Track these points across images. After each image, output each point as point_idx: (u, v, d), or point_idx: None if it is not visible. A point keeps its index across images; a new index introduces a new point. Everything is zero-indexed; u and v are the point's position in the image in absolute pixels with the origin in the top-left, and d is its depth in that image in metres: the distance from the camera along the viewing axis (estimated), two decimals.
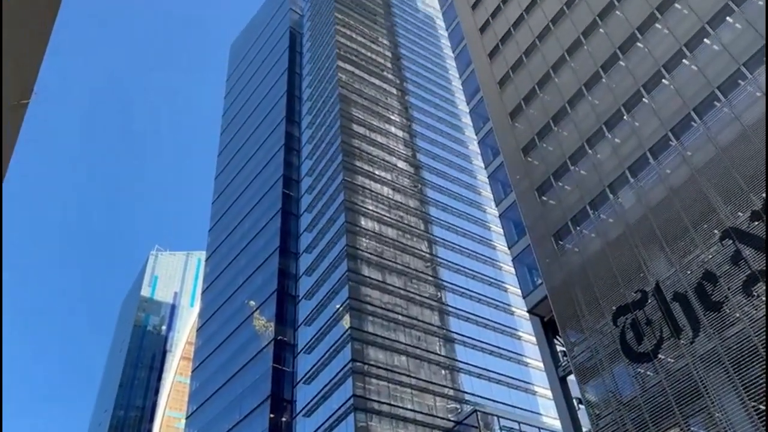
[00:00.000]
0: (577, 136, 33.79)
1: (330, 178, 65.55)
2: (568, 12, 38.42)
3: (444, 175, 72.34)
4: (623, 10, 34.18)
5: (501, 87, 42.16)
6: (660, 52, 30.64)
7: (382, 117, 74.23)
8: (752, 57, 25.91)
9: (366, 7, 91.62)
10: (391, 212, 63.76)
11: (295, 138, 79.36)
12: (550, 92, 37.23)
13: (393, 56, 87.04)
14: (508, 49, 42.94)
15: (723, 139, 25.69)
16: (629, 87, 31.62)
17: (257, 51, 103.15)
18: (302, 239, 66.49)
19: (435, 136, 77.04)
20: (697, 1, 29.86)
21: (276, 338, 59.36)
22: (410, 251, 61.53)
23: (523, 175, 36.80)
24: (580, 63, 35.75)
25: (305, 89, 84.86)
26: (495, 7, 46.26)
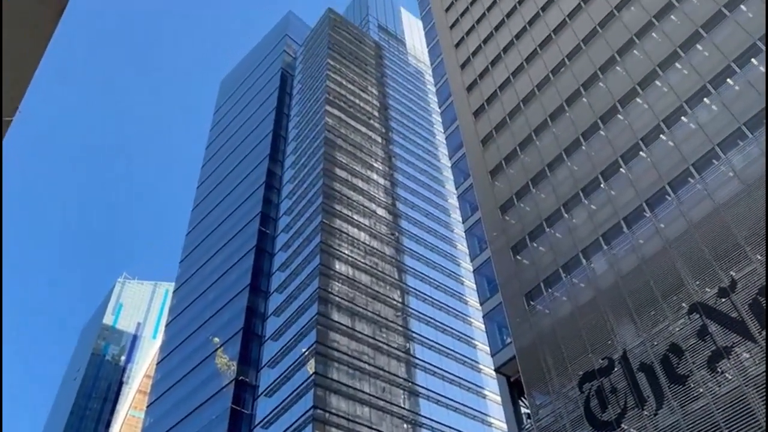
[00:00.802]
0: (554, 199, 34.38)
1: (308, 219, 65.45)
2: (553, 79, 39.65)
3: (422, 225, 72.72)
4: (606, 83, 35.39)
5: (484, 145, 42.96)
6: (639, 126, 31.62)
7: (365, 163, 74.89)
8: (726, 138, 26.85)
9: (358, 56, 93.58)
10: (367, 258, 63.60)
11: (277, 177, 79.45)
12: (531, 154, 38.01)
13: (381, 105, 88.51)
14: (493, 109, 43.98)
15: (695, 215, 26.33)
16: (608, 156, 32.44)
17: (247, 88, 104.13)
18: (274, 278, 65.76)
19: (416, 187, 77.77)
20: (677, 81, 31.06)
21: (237, 378, 57.87)
22: (382, 299, 61.15)
23: (499, 232, 37.15)
24: (561, 129, 36.69)
25: (291, 129, 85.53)
26: (483, 68, 47.60)
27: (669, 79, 31.48)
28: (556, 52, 40.70)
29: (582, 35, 39.24)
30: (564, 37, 40.89)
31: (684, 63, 31.19)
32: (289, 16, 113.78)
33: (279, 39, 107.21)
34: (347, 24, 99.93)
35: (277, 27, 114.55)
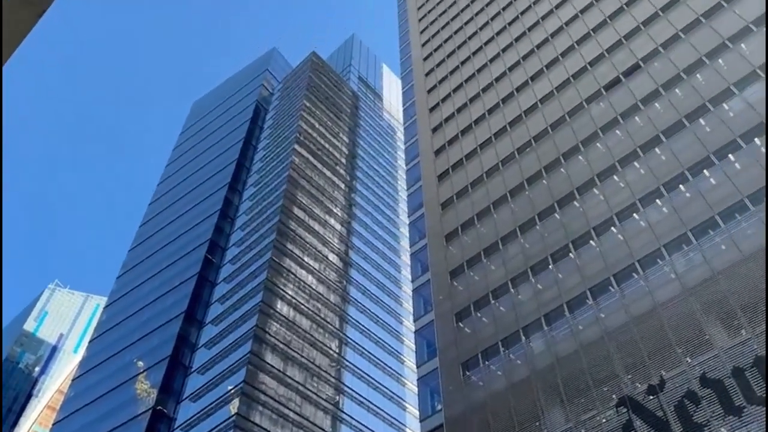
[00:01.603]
0: (503, 272, 34.85)
1: (257, 253, 64.41)
2: (518, 157, 40.84)
3: (371, 277, 72.42)
4: (567, 169, 36.63)
5: (443, 209, 43.56)
6: (593, 215, 32.65)
7: (324, 207, 74.79)
8: (672, 241, 27.92)
9: (334, 103, 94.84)
10: (310, 303, 62.67)
11: (233, 206, 78.44)
12: (487, 226, 38.67)
13: (349, 154, 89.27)
14: (457, 175, 44.84)
15: (635, 310, 27.01)
16: (559, 239, 33.25)
17: (218, 114, 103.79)
18: (212, 309, 63.92)
19: (371, 239, 77.82)
20: (634, 179, 32.39)
21: (155, 407, 55.22)
22: (319, 346, 60.00)
23: (446, 297, 37.26)
24: (519, 206, 37.58)
25: (256, 162, 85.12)
26: (453, 135, 48.77)
27: (626, 176, 32.80)
28: (524, 132, 42.09)
29: (551, 120, 40.78)
30: (534, 119, 42.41)
31: (642, 163, 32.62)
32: (273, 53, 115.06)
33: (259, 72, 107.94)
34: (328, 70, 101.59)
35: (259, 60, 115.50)
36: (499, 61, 51.40)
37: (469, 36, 58.99)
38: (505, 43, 52.53)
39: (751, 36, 32.77)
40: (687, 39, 36.33)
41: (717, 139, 29.76)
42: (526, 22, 52.12)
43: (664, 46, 37.42)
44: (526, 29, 51.42)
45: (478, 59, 54.48)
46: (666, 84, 34.99)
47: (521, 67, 48.07)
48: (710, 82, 32.60)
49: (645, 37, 39.32)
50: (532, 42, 49.37)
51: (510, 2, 56.95)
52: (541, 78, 44.99)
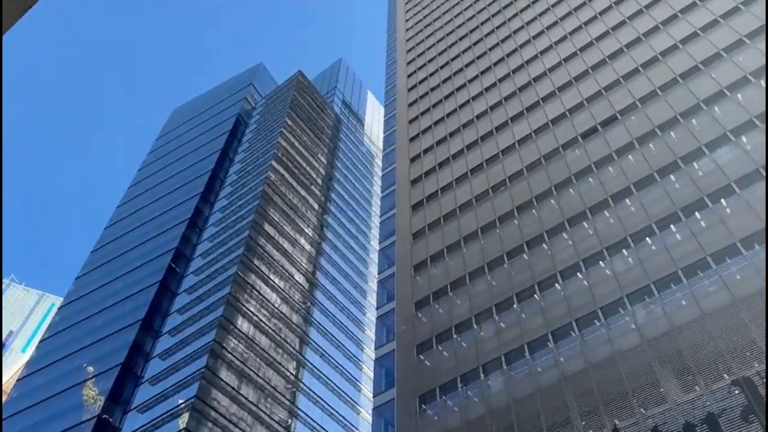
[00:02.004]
0: (468, 307, 34.89)
1: (223, 267, 63.49)
2: (492, 195, 41.27)
3: (336, 301, 71.85)
4: (539, 211, 37.11)
5: (414, 239, 43.64)
6: (560, 258, 33.02)
7: (295, 226, 74.32)
8: (635, 292, 28.34)
9: (316, 123, 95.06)
10: (272, 321, 61.79)
11: (203, 217, 77.48)
12: (456, 259, 38.80)
13: (326, 175, 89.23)
14: (430, 207, 45.08)
15: (594, 357, 27.21)
16: (526, 279, 33.50)
17: (198, 123, 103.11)
18: (170, 319, 62.54)
19: (340, 262, 77.42)
20: (603, 227, 32.94)
21: (100, 416, 53.43)
22: (276, 367, 58.99)
23: (409, 327, 37.08)
24: (489, 243, 37.84)
25: (231, 174, 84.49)
26: (430, 167, 49.15)
27: (596, 223, 33.35)
28: (500, 170, 42.63)
29: (527, 162, 41.40)
30: (510, 159, 43.01)
31: (612, 212, 33.23)
32: (259, 68, 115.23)
33: (243, 86, 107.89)
34: (313, 90, 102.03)
35: (245, 74, 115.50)
36: (481, 99, 52.24)
37: (454, 72, 59.91)
38: (489, 82, 53.46)
39: (724, 99, 33.91)
40: (664, 96, 37.44)
41: (685, 197, 30.52)
42: (511, 65, 53.19)
43: (642, 101, 38.50)
44: (510, 71, 52.44)
45: (461, 95, 55.29)
46: (641, 138, 35.90)
47: (503, 107, 48.91)
48: (683, 141, 33.54)
49: (624, 91, 40.42)
50: (515, 84, 50.34)
51: (497, 43, 58.14)
52: (521, 120, 45.80)
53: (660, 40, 41.95)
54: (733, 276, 25.93)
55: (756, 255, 25.88)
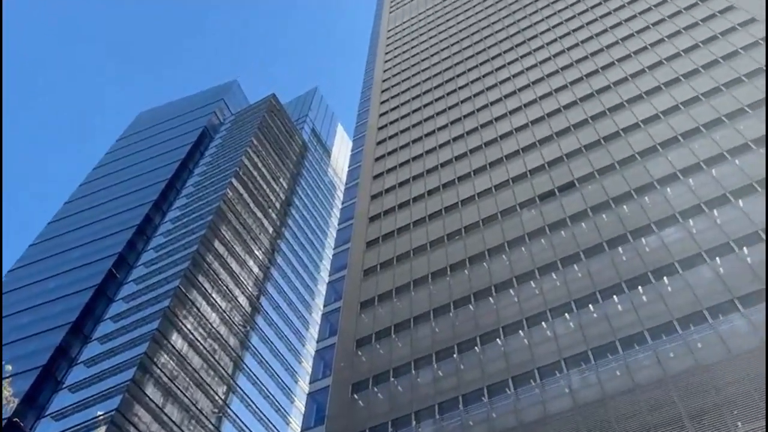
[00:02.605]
0: (409, 351, 34.73)
1: (165, 279, 61.75)
2: (446, 242, 41.67)
3: (276, 329, 70.54)
4: (490, 264, 37.59)
5: (364, 276, 43.50)
6: (504, 314, 33.36)
7: (246, 247, 73.21)
8: (572, 356, 28.79)
9: (282, 147, 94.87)
10: (207, 341, 60.10)
11: (153, 225, 75.61)
12: (403, 301, 38.78)
13: (285, 200, 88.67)
14: (385, 246, 45.16)
15: (526, 417, 27.33)
16: (469, 330, 33.65)
17: (162, 130, 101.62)
18: (102, 326, 60.15)
19: (286, 289, 76.36)
20: (549, 288, 33.53)
21: (11, 418, 50.40)
22: (205, 389, 57.14)
23: (347, 365, 36.61)
24: (438, 289, 38.02)
25: (189, 186, 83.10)
26: (390, 207, 49.47)
27: (543, 284, 33.95)
28: (457, 220, 43.19)
29: (484, 215, 42.10)
30: (469, 209, 43.66)
31: (559, 275, 33.92)
32: (233, 84, 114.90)
33: (213, 100, 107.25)
34: (284, 114, 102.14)
35: (217, 88, 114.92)
36: (447, 148, 53.20)
37: (425, 118, 61.03)
38: (457, 133, 54.60)
39: (676, 182, 35.39)
40: (621, 171, 38.86)
41: (630, 269, 31.45)
42: (480, 119, 54.54)
43: (600, 172, 39.84)
44: (478, 125, 53.71)
45: (429, 141, 56.22)
46: (594, 207, 37.03)
47: (467, 159, 49.88)
48: (634, 215, 34.74)
49: (584, 160, 41.79)
50: (481, 138, 51.53)
51: (469, 97, 59.63)
52: (483, 174, 46.73)
53: (623, 116, 43.77)
54: (667, 352, 26.64)
55: (690, 335, 26.72)
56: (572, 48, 57.01)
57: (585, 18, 60.89)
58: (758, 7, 45.12)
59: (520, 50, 62.71)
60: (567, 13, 64.35)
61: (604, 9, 60.30)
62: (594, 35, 56.65)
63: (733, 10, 47.37)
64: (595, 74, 50.85)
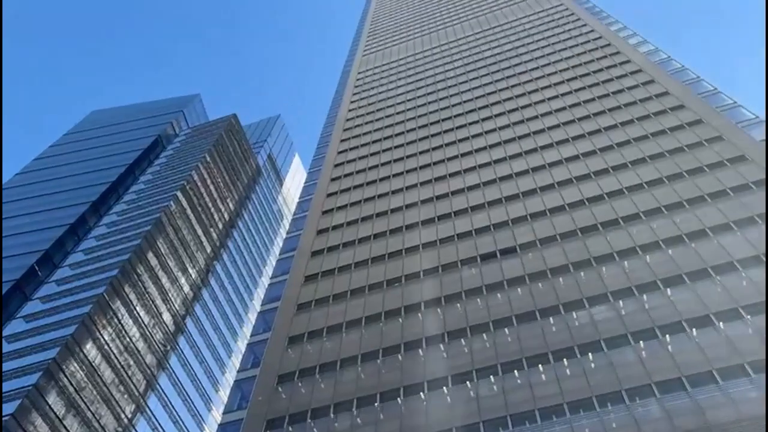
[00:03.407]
0: (330, 394, 34.03)
1: (90, 284, 59.06)
2: (385, 289, 41.58)
3: (197, 353, 68.12)
4: (423, 317, 37.63)
5: (298, 310, 42.79)
6: (431, 369, 33.25)
7: (180, 264, 71.12)
8: (492, 419, 28.83)
9: (235, 169, 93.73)
10: (123, 356, 57.41)
11: (87, 227, 72.73)
12: (333, 342, 38.21)
13: (229, 221, 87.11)
14: (323, 284, 44.68)
15: None
16: (394, 381, 33.32)
17: (113, 132, 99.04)
18: (12, 324, 56.70)
19: (215, 313, 74.22)
20: (478, 348, 33.72)
21: None
22: (112, 406, 54.24)
23: (265, 400, 35.53)
24: (369, 335, 37.68)
25: (131, 192, 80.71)
26: (334, 245, 49.22)
27: (473, 343, 34.11)
28: (399, 267, 43.28)
29: (424, 266, 42.33)
30: (411, 259, 43.86)
31: (489, 337, 34.19)
32: (195, 98, 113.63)
33: (172, 110, 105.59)
34: (242, 136, 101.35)
35: (178, 99, 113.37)
36: (400, 195, 53.72)
37: (382, 162, 61.67)
38: (410, 182, 55.33)
39: (612, 262, 36.61)
40: (561, 244, 39.97)
41: (558, 341, 32.04)
42: (435, 173, 55.50)
43: (541, 242, 40.87)
44: (432, 177, 54.59)
45: (382, 186, 56.67)
46: (531, 275, 37.78)
47: (417, 208, 50.43)
48: (568, 289, 35.60)
49: (528, 227, 42.84)
50: (433, 191, 52.30)
51: (427, 150, 60.72)
52: (431, 225, 47.22)
53: (571, 192, 45.31)
54: (582, 428, 27.01)
55: (607, 414, 27.22)
56: (531, 119, 59.16)
57: (547, 93, 63.47)
58: (705, 108, 48.11)
59: (482, 113, 64.63)
60: (531, 85, 67.00)
61: (566, 87, 63.09)
62: (553, 111, 59.02)
63: (683, 109, 50.34)
64: (549, 148, 52.74)
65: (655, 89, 55.19)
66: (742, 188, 38.21)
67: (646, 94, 55.09)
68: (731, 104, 48.01)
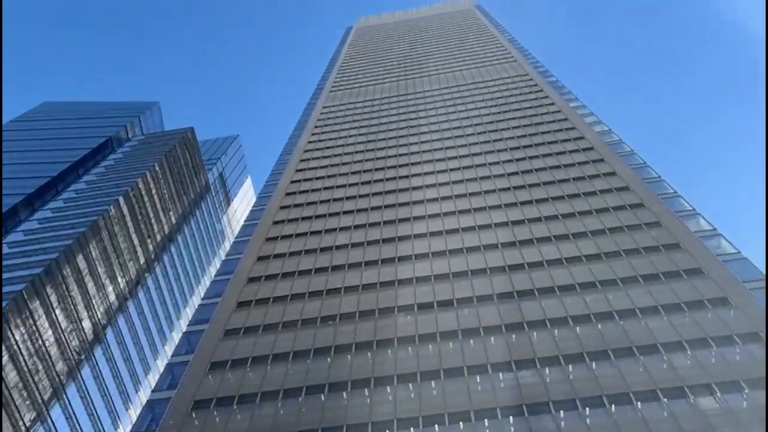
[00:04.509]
0: (245, 427, 32.88)
1: (10, 279, 56.03)
2: (318, 326, 40.97)
3: (113, 367, 65.00)
4: (353, 358, 37.14)
5: (225, 335, 41.62)
6: (352, 414, 32.67)
7: (110, 272, 68.43)
8: None
9: (183, 183, 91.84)
10: (32, 359, 54.22)
11: (17, 220, 69.38)
12: (257, 373, 37.15)
13: (167, 235, 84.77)
14: (255, 311, 43.73)
15: None
16: (312, 421, 32.53)
17: (63, 126, 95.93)
18: None
19: (138, 327, 71.32)
20: (402, 398, 33.40)
21: None
22: (10, 411, 50.82)
23: (177, 425, 33.98)
24: (295, 370, 36.84)
25: (70, 191, 77.82)
26: (273, 273, 48.44)
27: (397, 392, 33.79)
28: (336, 305, 42.83)
29: (361, 308, 42.04)
30: (349, 299, 43.50)
31: (415, 388, 33.99)
32: (153, 106, 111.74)
33: (128, 114, 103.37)
34: (195, 151, 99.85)
35: (135, 104, 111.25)
36: (347, 233, 53.63)
37: (334, 198, 61.66)
38: (360, 221, 55.41)
39: (543, 329, 37.29)
40: (497, 303, 40.54)
41: (481, 400, 32.10)
42: (385, 216, 55.80)
43: (479, 299, 41.31)
44: (381, 221, 54.84)
45: (332, 221, 56.52)
46: (465, 331, 38.04)
47: (362, 249, 50.37)
48: (499, 349, 35.93)
49: (467, 283, 43.32)
50: (381, 234, 52.51)
51: (380, 192, 61.17)
52: (373, 268, 47.17)
53: (512, 255, 46.25)
54: None
55: None
56: (484, 178, 60.58)
57: (501, 156, 65.31)
58: (647, 194, 50.43)
59: (438, 165, 65.82)
60: (487, 146, 68.88)
61: (520, 153, 65.12)
62: (506, 173, 60.63)
63: (628, 191, 52.59)
64: (498, 208, 53.93)
65: (603, 168, 57.60)
66: (674, 275, 39.87)
67: (595, 171, 57.39)
68: (672, 193, 50.50)
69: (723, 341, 33.13)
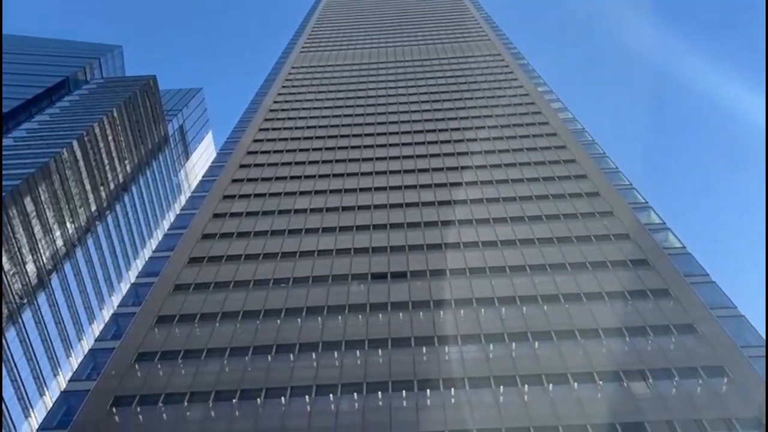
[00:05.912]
0: (189, 382, 32.78)
1: None
2: (270, 287, 40.85)
3: (56, 312, 63.50)
4: (302, 322, 37.28)
5: (174, 290, 41.19)
6: (296, 376, 32.94)
7: (59, 216, 66.39)
8: None
9: (141, 131, 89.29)
10: None
11: None
12: (204, 330, 36.95)
13: (121, 184, 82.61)
14: (207, 268, 43.29)
15: None
16: (257, 380, 32.66)
17: (18, 62, 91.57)
18: None
19: (85, 275, 69.65)
20: (345, 409, 33.77)
21: None
22: None
23: (118, 375, 33.60)
24: (244, 330, 36.79)
25: (21, 129, 74.73)
26: (229, 231, 47.93)
27: (340, 403, 33.99)
28: (289, 268, 42.70)
29: (316, 273, 42.06)
30: (302, 264, 43.45)
31: (360, 400, 34.40)
32: (115, 49, 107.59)
33: (89, 55, 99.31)
34: (156, 100, 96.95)
35: (96, 46, 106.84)
36: (307, 197, 53.29)
37: (296, 161, 61.05)
38: (320, 187, 55.11)
39: (491, 306, 38.09)
40: (449, 279, 41.12)
41: (424, 370, 32.78)
42: (347, 185, 55.60)
43: (432, 273, 41.84)
44: (342, 188, 54.63)
45: (291, 185, 56.01)
46: (416, 303, 38.55)
47: (321, 215, 50.19)
48: (447, 324, 36.63)
49: (421, 256, 43.77)
50: (341, 201, 52.38)
51: (344, 159, 60.82)
52: (331, 234, 47.13)
53: (468, 232, 46.89)
54: None
55: None
56: (447, 155, 60.83)
57: (467, 134, 65.64)
58: (604, 184, 51.63)
59: (403, 138, 65.71)
60: (453, 123, 69.01)
61: (485, 133, 65.55)
62: (469, 152, 61.03)
63: (585, 179, 53.69)
64: (458, 186, 54.38)
65: (564, 155, 58.55)
66: (621, 264, 41.13)
67: (556, 157, 58.30)
68: (627, 185, 51.80)
69: (660, 330, 34.53)
